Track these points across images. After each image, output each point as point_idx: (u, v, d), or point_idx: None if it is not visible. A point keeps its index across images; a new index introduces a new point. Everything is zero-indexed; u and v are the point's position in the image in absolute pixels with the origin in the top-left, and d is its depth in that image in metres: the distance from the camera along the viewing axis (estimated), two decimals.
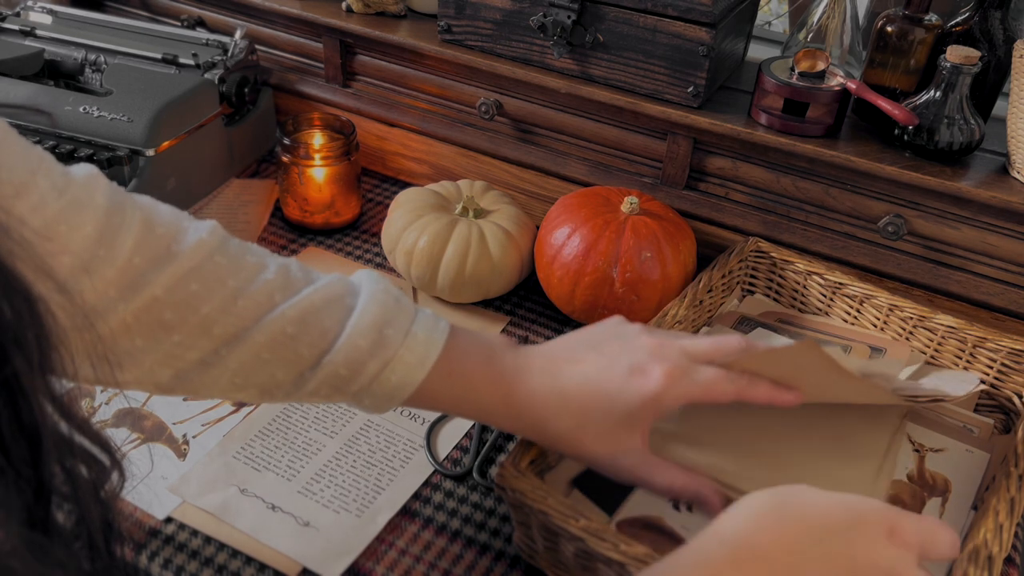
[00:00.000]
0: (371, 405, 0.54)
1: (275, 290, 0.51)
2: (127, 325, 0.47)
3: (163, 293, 0.47)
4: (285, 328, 0.50)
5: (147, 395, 0.77)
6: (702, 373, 0.54)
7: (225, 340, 0.50)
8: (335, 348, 0.51)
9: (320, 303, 0.51)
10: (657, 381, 0.53)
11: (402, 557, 0.65)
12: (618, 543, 0.53)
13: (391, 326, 0.52)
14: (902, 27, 0.82)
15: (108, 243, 0.46)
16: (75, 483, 0.38)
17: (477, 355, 0.55)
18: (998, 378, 0.75)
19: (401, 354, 0.52)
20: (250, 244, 0.53)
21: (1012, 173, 0.79)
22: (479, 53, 0.96)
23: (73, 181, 0.46)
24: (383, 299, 0.53)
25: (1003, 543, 0.56)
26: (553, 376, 0.55)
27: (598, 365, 0.54)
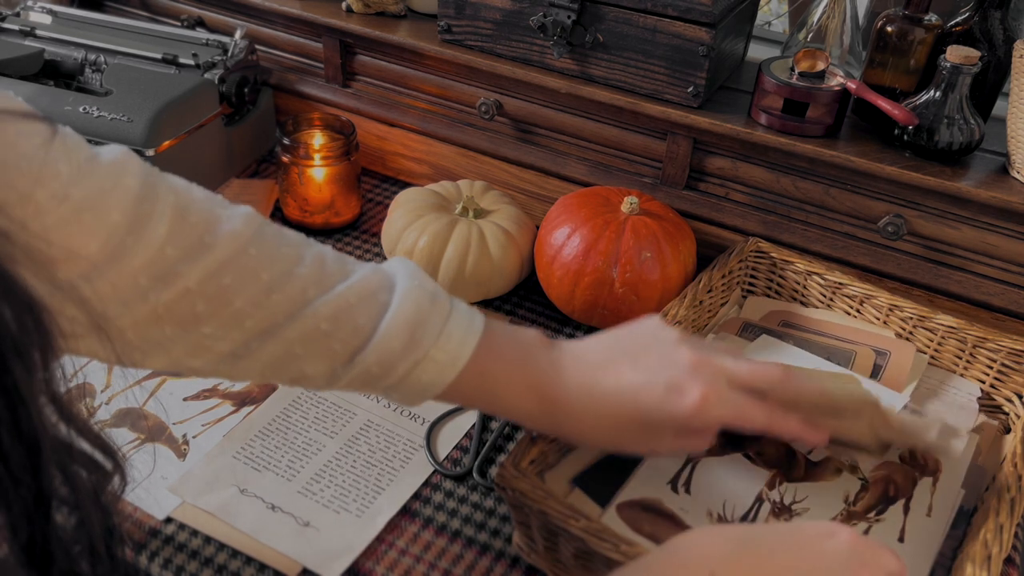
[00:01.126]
0: (401, 399, 0.54)
1: (309, 284, 0.50)
2: (158, 315, 0.46)
3: (195, 285, 0.47)
4: (319, 325, 0.50)
5: (147, 395, 0.77)
6: (738, 398, 0.54)
7: (257, 334, 0.49)
8: (368, 347, 0.50)
9: (355, 300, 0.51)
10: (693, 403, 0.52)
11: (402, 557, 0.65)
12: (618, 543, 0.53)
13: (424, 326, 0.51)
14: (902, 27, 0.82)
15: (138, 231, 0.45)
16: (76, 488, 0.38)
17: (511, 356, 0.54)
18: (998, 378, 0.75)
19: (433, 354, 0.51)
20: (286, 231, 0.52)
21: (1012, 173, 0.79)
22: (479, 53, 0.96)
23: (99, 166, 0.45)
24: (418, 296, 0.52)
25: (1003, 543, 0.56)
26: (590, 386, 0.54)
27: (636, 380, 0.54)
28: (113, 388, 0.77)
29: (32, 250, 0.39)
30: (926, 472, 0.67)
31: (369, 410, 0.77)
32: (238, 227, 0.49)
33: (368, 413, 0.77)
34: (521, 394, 0.54)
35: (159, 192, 0.47)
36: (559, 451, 0.66)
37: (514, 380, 0.54)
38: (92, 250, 0.44)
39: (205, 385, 0.78)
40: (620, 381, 0.54)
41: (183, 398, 0.77)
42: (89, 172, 0.44)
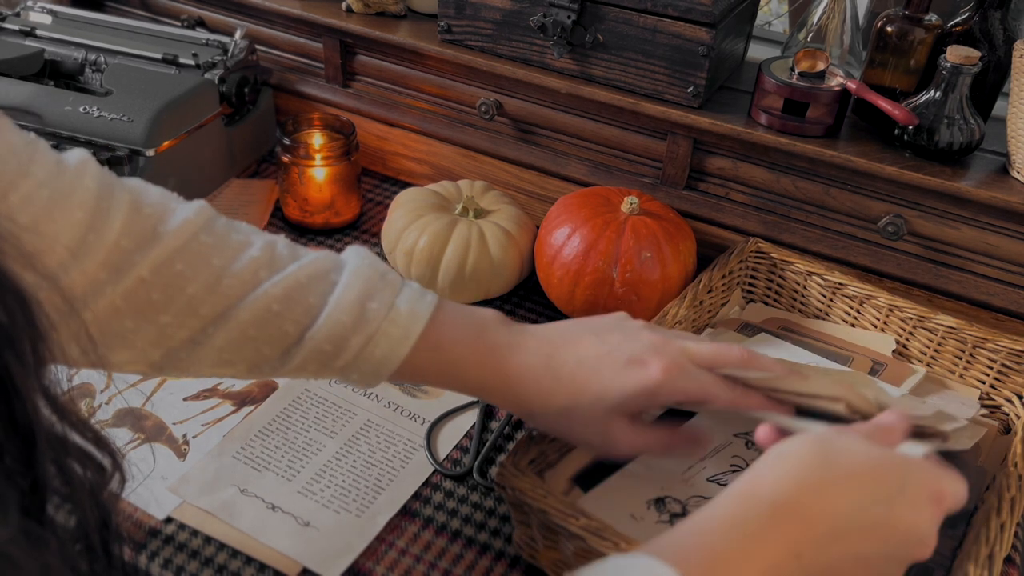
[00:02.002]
0: (359, 380, 0.54)
1: (260, 267, 0.51)
2: (116, 307, 0.47)
3: (149, 274, 0.48)
4: (270, 305, 0.50)
5: (147, 395, 0.77)
6: (701, 374, 0.54)
7: (212, 319, 0.50)
8: (317, 324, 0.51)
9: (305, 279, 0.51)
10: (655, 373, 0.52)
11: (402, 557, 0.65)
12: (618, 541, 0.53)
13: (374, 300, 0.52)
14: (902, 27, 0.82)
15: (98, 228, 0.47)
16: (72, 484, 0.38)
17: (466, 329, 0.55)
18: (998, 378, 0.75)
19: (384, 328, 0.52)
20: (238, 223, 0.53)
21: (1012, 173, 0.79)
22: (479, 53, 0.96)
23: (66, 168, 0.47)
24: (367, 274, 0.53)
25: (1003, 543, 0.56)
26: (548, 356, 0.54)
27: (597, 350, 0.54)
28: (113, 388, 0.77)
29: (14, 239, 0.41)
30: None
31: (369, 410, 0.77)
32: (190, 216, 0.50)
33: (368, 413, 0.77)
34: (476, 366, 0.54)
35: (115, 191, 0.48)
36: (559, 450, 0.66)
37: (470, 353, 0.54)
38: (58, 250, 0.45)
39: (205, 385, 0.79)
40: (580, 352, 0.54)
41: (183, 398, 0.77)
42: (58, 173, 0.46)
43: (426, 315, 0.53)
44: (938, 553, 0.62)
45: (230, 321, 0.50)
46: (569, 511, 0.55)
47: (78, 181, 0.47)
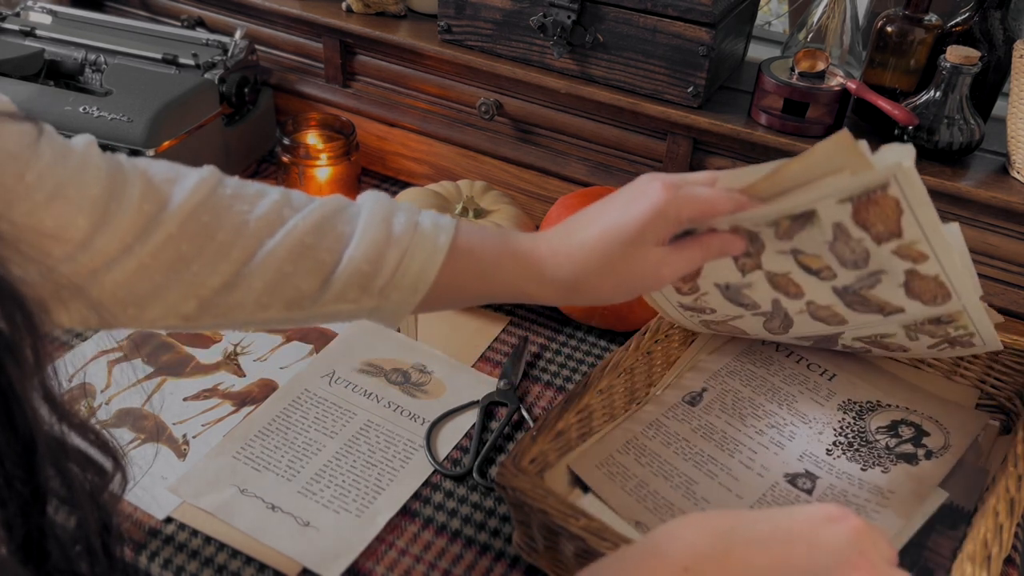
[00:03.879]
0: (398, 301, 0.54)
1: (283, 207, 0.53)
2: (145, 266, 0.49)
3: (177, 229, 0.49)
4: (303, 239, 0.52)
5: (147, 395, 0.77)
6: (702, 189, 0.56)
7: (244, 260, 0.51)
8: (352, 245, 0.52)
9: (330, 212, 0.53)
10: (657, 193, 0.54)
11: (402, 557, 0.65)
12: (618, 542, 0.53)
13: (399, 220, 0.54)
14: (902, 27, 0.82)
15: (118, 197, 0.48)
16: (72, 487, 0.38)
17: (491, 234, 0.57)
18: (998, 378, 0.75)
19: (416, 240, 0.53)
20: (245, 180, 0.55)
21: (1012, 173, 0.79)
22: (479, 53, 0.96)
23: (73, 148, 0.48)
24: (386, 202, 0.55)
25: (1003, 543, 0.56)
26: (567, 232, 0.57)
27: (604, 209, 0.56)
28: (113, 388, 0.77)
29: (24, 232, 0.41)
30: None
31: (369, 410, 0.77)
32: (203, 175, 0.52)
33: (368, 413, 0.77)
34: (512, 262, 0.56)
35: (123, 165, 0.50)
36: (559, 450, 0.66)
37: (502, 251, 0.56)
38: (81, 224, 0.46)
39: (205, 385, 0.79)
40: (590, 214, 0.57)
41: (183, 398, 0.77)
42: (66, 155, 0.47)
43: (451, 227, 0.55)
44: (938, 553, 0.62)
45: (265, 260, 0.51)
46: (569, 511, 0.55)
47: (88, 160, 0.48)
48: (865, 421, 0.73)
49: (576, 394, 0.66)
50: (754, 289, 0.65)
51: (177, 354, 0.82)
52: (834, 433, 0.71)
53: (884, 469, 0.68)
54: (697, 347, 0.80)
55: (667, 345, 0.77)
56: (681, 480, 0.67)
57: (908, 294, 0.61)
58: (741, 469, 0.68)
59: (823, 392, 0.75)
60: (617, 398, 0.72)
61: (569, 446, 0.68)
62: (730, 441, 0.70)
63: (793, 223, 0.56)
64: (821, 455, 0.69)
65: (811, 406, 0.74)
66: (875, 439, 0.71)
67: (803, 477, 0.67)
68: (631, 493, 0.65)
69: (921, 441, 0.70)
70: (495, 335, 0.87)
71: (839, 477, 0.67)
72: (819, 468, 0.68)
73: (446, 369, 0.82)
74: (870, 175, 0.51)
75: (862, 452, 0.70)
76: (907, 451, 0.69)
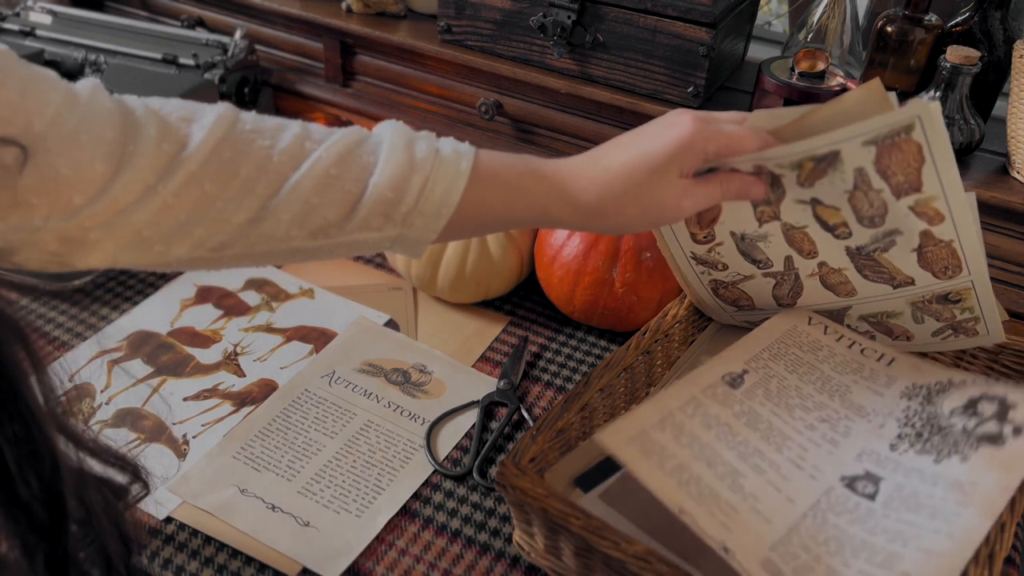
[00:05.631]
0: (422, 227, 0.54)
1: (305, 140, 0.53)
2: (169, 205, 0.48)
3: (199, 168, 0.49)
4: (328, 170, 0.52)
5: (147, 395, 0.77)
6: (729, 126, 0.57)
7: (270, 195, 0.51)
8: (377, 173, 0.53)
9: (353, 143, 0.53)
10: (686, 125, 0.56)
11: (402, 557, 0.65)
12: (618, 541, 0.53)
13: (420, 147, 0.54)
14: (902, 27, 0.82)
15: (134, 139, 0.48)
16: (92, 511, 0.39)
17: (513, 158, 0.57)
18: (998, 379, 0.75)
19: (437, 166, 0.54)
20: (262, 115, 0.55)
21: (1012, 173, 0.79)
22: (479, 53, 0.96)
23: (80, 94, 0.47)
24: (406, 131, 0.55)
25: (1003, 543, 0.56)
26: (592, 157, 0.58)
27: (633, 138, 0.58)
28: (113, 388, 0.77)
29: (44, 181, 0.43)
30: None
31: (369, 410, 0.77)
32: (221, 111, 0.51)
33: (368, 413, 0.77)
34: (536, 184, 0.56)
35: (135, 106, 0.50)
36: (559, 449, 0.66)
37: (526, 174, 0.56)
38: (99, 169, 0.46)
39: (205, 385, 0.78)
40: (619, 142, 0.58)
41: (183, 398, 0.77)
42: (73, 102, 0.46)
43: (471, 152, 0.55)
44: None
45: (290, 194, 0.51)
46: (569, 510, 0.55)
47: (97, 104, 0.48)
48: (936, 404, 0.64)
49: (577, 393, 0.66)
50: (769, 243, 0.65)
51: (177, 354, 0.82)
52: (899, 424, 0.63)
53: (963, 457, 0.58)
54: (697, 347, 0.80)
55: (667, 345, 0.77)
56: (726, 470, 0.57)
57: (920, 261, 0.61)
58: (791, 468, 0.59)
59: (881, 380, 0.68)
60: (618, 398, 0.72)
61: (569, 446, 0.67)
62: (777, 433, 0.62)
63: (816, 167, 0.57)
64: (884, 451, 0.61)
65: (868, 396, 0.66)
66: (950, 423, 0.61)
67: (863, 480, 0.59)
68: (671, 475, 0.56)
69: (1007, 416, 0.60)
70: (495, 335, 0.87)
71: (908, 475, 0.59)
72: (882, 467, 0.60)
73: (446, 369, 0.82)
74: (896, 114, 0.52)
75: (934, 441, 0.61)
76: (990, 431, 0.59)
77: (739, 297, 0.74)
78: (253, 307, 0.88)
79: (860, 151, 0.55)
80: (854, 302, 0.68)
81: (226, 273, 0.92)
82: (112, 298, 0.88)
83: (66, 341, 0.82)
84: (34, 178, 0.44)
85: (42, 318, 0.85)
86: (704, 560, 0.59)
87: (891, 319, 0.69)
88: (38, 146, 0.44)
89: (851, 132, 0.54)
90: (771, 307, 0.74)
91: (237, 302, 0.89)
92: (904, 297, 0.66)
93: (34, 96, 0.44)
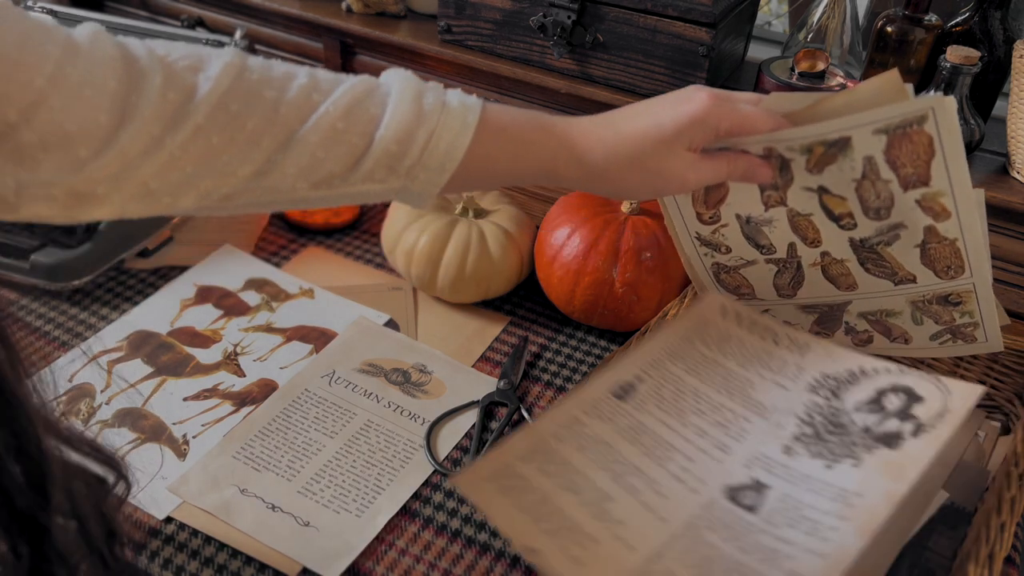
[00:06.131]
0: (426, 181, 0.54)
1: (311, 91, 0.52)
2: (176, 158, 0.48)
3: (205, 120, 0.48)
4: (335, 124, 0.51)
5: (147, 395, 0.77)
6: (745, 106, 0.57)
7: (276, 148, 0.51)
8: (383, 126, 0.52)
9: (361, 94, 0.53)
10: (702, 100, 0.56)
11: (402, 557, 0.65)
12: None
13: (427, 97, 0.54)
14: (902, 27, 0.82)
15: (138, 89, 0.47)
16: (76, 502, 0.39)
17: (522, 113, 0.57)
18: (998, 379, 0.75)
19: (443, 120, 0.53)
20: (270, 60, 0.54)
21: (1012, 173, 0.79)
22: (479, 53, 0.96)
23: (81, 44, 0.47)
24: (415, 81, 0.55)
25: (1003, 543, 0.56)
26: (605, 119, 0.58)
27: (647, 107, 0.58)
28: (113, 388, 0.77)
29: (49, 137, 0.43)
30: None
31: (369, 410, 0.77)
32: (227, 59, 0.50)
33: (368, 413, 0.77)
34: (544, 140, 0.56)
35: (138, 53, 0.49)
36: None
37: (534, 130, 0.56)
38: (103, 121, 0.45)
39: (205, 385, 0.78)
40: (634, 109, 0.58)
41: (183, 398, 0.77)
42: (75, 53, 0.46)
43: (478, 105, 0.55)
44: (938, 554, 0.62)
45: (296, 147, 0.51)
46: None
47: (100, 52, 0.47)
48: (842, 399, 0.59)
49: None
50: (774, 228, 0.65)
51: (177, 354, 0.82)
52: (799, 423, 0.59)
53: (856, 462, 0.54)
54: None
55: None
56: (594, 496, 0.53)
57: (923, 258, 0.61)
58: (671, 483, 0.55)
59: (790, 371, 0.63)
60: None
61: None
62: (662, 446, 0.57)
63: (826, 152, 0.57)
64: (776, 456, 0.56)
65: (772, 392, 0.61)
66: (852, 421, 0.58)
67: (748, 489, 0.55)
68: (527, 511, 0.51)
69: (911, 411, 0.56)
70: (495, 335, 0.87)
71: (796, 483, 0.54)
72: (772, 474, 0.55)
73: (446, 369, 0.82)
74: (909, 104, 0.52)
75: (831, 443, 0.56)
76: (890, 430, 0.56)
77: (740, 284, 0.74)
78: (253, 307, 0.88)
79: (871, 139, 0.55)
80: (854, 296, 0.68)
81: (226, 273, 0.92)
82: (112, 298, 0.88)
83: (66, 341, 0.82)
84: (39, 134, 0.43)
85: (42, 318, 0.85)
86: None
87: (890, 318, 0.69)
88: (41, 102, 0.43)
89: (863, 119, 0.54)
90: (771, 297, 0.74)
91: (237, 302, 0.89)
92: (904, 295, 0.66)
93: (32, 50, 0.43)
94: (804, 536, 0.50)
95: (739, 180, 0.60)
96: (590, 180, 0.58)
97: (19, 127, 0.43)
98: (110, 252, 0.89)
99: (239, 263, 0.94)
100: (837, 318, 0.73)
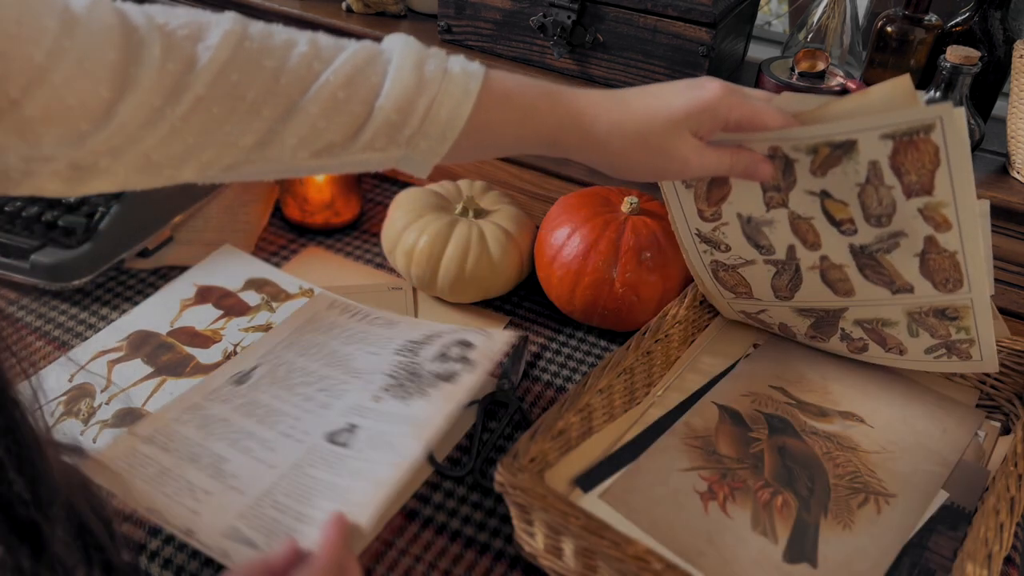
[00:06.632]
0: (427, 150, 0.54)
1: (312, 60, 0.52)
2: (177, 129, 0.48)
3: (206, 91, 0.48)
4: (336, 93, 0.51)
5: (147, 395, 0.77)
6: (754, 102, 0.57)
7: (277, 118, 0.51)
8: (383, 94, 0.52)
9: (362, 63, 0.52)
10: (714, 89, 0.56)
11: (402, 557, 0.65)
12: (618, 540, 0.53)
13: (429, 64, 0.53)
14: (902, 27, 0.83)
15: (138, 60, 0.47)
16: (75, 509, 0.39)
17: (528, 81, 0.56)
18: (998, 379, 0.75)
19: (445, 87, 0.53)
20: (272, 25, 0.54)
21: (1012, 173, 0.79)
22: (479, 53, 0.96)
23: (79, 15, 0.46)
24: (416, 46, 0.54)
25: (1003, 542, 0.56)
26: (614, 95, 0.58)
27: (659, 89, 0.58)
28: (113, 388, 0.77)
29: (51, 112, 0.43)
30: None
31: None
32: (227, 27, 0.50)
33: None
34: (550, 109, 0.56)
35: (137, 22, 0.48)
36: (559, 450, 0.66)
37: (539, 98, 0.56)
38: (103, 94, 0.45)
39: None
40: (645, 89, 0.58)
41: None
42: (73, 21, 0.45)
43: (480, 72, 0.54)
44: (938, 554, 0.62)
45: (297, 117, 0.51)
46: (570, 510, 0.55)
47: (98, 22, 0.46)
48: (419, 355, 0.72)
49: (576, 394, 0.66)
50: (774, 229, 0.65)
51: (177, 354, 0.82)
52: (386, 378, 0.70)
53: (424, 396, 0.67)
54: (698, 347, 0.80)
55: (667, 345, 0.77)
56: (211, 460, 0.65)
57: (922, 269, 0.61)
58: (281, 440, 0.66)
59: (382, 343, 0.75)
60: (617, 398, 0.72)
61: (569, 446, 0.67)
62: (274, 413, 0.69)
63: (831, 154, 0.57)
64: (367, 403, 0.68)
65: (367, 359, 0.73)
66: (426, 370, 0.70)
67: (344, 432, 0.66)
68: (148, 481, 0.63)
69: (466, 356, 0.70)
70: None
71: (381, 420, 0.66)
72: (363, 417, 0.67)
73: None
74: (918, 111, 0.52)
75: (409, 388, 0.68)
76: (451, 370, 0.69)
77: (738, 283, 0.74)
78: (253, 307, 0.88)
79: (877, 144, 0.55)
80: (851, 303, 0.68)
81: (226, 273, 0.92)
82: (112, 298, 0.88)
83: (66, 341, 0.82)
84: (40, 109, 0.43)
85: (42, 318, 0.85)
86: (704, 560, 0.60)
87: (886, 328, 0.69)
88: (41, 78, 0.43)
89: (871, 123, 0.54)
90: (768, 298, 0.74)
91: (237, 302, 0.89)
92: (901, 305, 0.65)
93: (30, 24, 0.43)
94: (384, 453, 0.62)
95: (741, 175, 0.60)
96: (593, 151, 0.57)
97: (20, 103, 0.43)
98: (110, 252, 0.89)
99: (239, 263, 0.94)
100: (833, 324, 0.73)
